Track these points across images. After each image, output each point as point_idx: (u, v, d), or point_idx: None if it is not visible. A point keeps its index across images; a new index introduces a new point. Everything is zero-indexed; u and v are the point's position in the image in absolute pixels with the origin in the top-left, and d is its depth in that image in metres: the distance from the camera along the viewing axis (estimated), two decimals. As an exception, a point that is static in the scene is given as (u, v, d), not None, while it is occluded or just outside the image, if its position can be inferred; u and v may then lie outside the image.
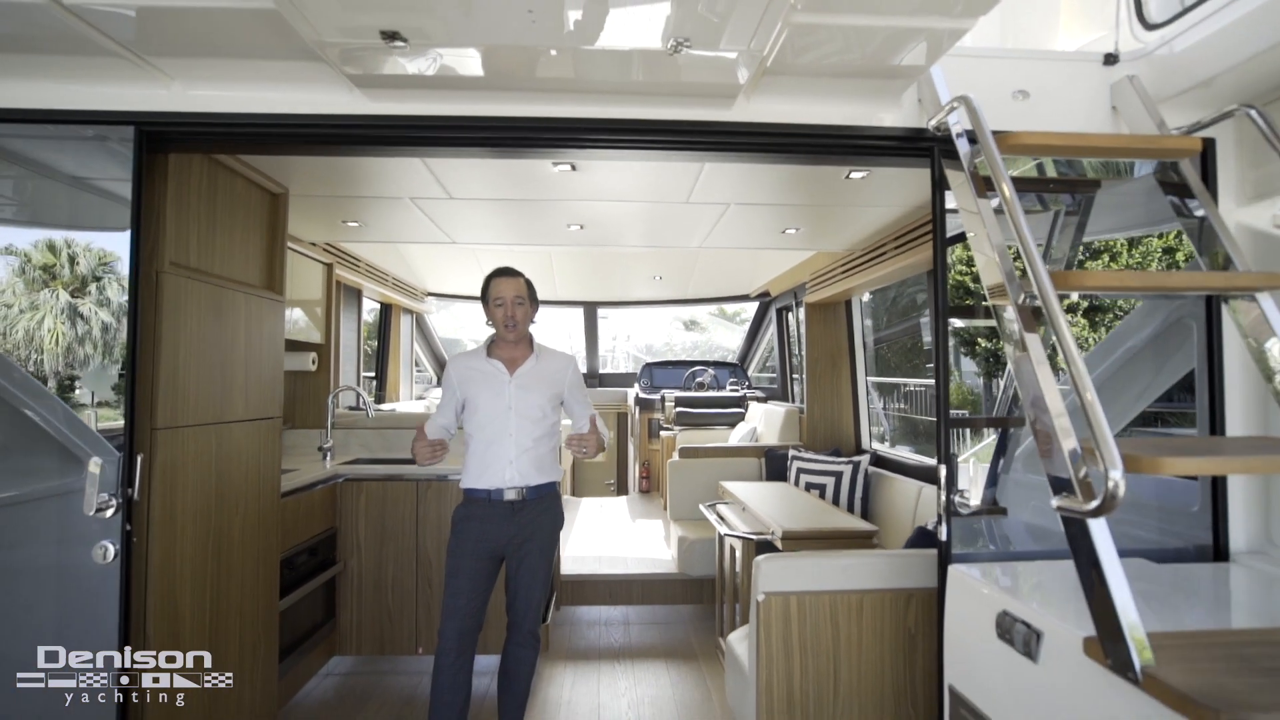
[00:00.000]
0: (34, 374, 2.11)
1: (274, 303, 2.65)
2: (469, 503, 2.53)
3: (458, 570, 2.49)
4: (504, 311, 2.53)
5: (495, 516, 2.50)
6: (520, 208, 3.21)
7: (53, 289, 2.43)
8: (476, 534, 2.50)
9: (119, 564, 1.74)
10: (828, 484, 4.23)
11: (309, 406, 4.14)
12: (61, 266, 2.56)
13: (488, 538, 2.50)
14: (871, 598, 2.08)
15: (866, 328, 5.08)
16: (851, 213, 3.27)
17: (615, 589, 4.36)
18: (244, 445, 2.43)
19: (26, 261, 2.33)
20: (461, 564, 2.49)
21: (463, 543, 2.50)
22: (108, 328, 2.27)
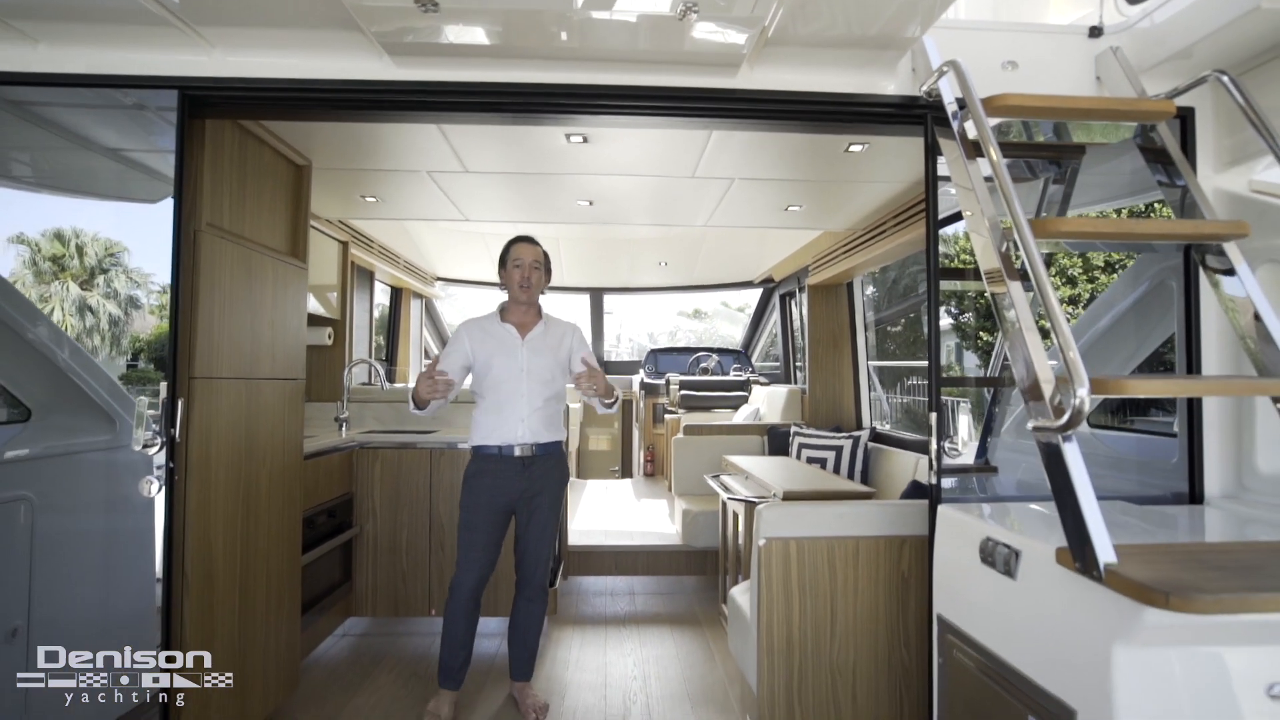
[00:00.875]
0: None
1: (298, 269, 2.78)
2: (482, 459, 2.66)
3: (474, 524, 2.63)
4: (521, 273, 2.71)
5: (508, 471, 2.63)
6: (532, 182, 3.33)
7: (62, 280, 2.56)
8: (490, 488, 2.63)
9: (164, 497, 1.87)
10: (828, 458, 4.35)
11: (324, 380, 4.27)
12: (70, 257, 2.69)
13: (501, 491, 2.64)
14: (867, 543, 2.20)
15: (869, 298, 5.18)
16: (851, 189, 3.38)
17: (621, 560, 4.48)
18: (270, 403, 2.55)
19: (36, 251, 2.46)
20: (477, 518, 2.63)
21: (478, 497, 2.63)
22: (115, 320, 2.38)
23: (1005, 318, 1.56)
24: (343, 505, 3.50)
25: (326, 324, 4.26)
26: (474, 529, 2.63)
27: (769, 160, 2.95)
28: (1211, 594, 1.09)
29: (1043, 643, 1.39)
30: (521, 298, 2.73)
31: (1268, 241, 1.86)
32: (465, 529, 2.64)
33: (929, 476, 2.00)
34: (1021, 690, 1.41)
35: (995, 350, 2.45)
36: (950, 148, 1.87)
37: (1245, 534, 1.74)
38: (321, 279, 4.08)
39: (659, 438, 7.57)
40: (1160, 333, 2.27)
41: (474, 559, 2.64)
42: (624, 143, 2.76)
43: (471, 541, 2.63)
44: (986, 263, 1.65)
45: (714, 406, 6.69)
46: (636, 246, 6.43)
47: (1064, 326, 1.27)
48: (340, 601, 3.50)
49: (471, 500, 2.64)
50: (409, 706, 2.83)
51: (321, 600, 3.28)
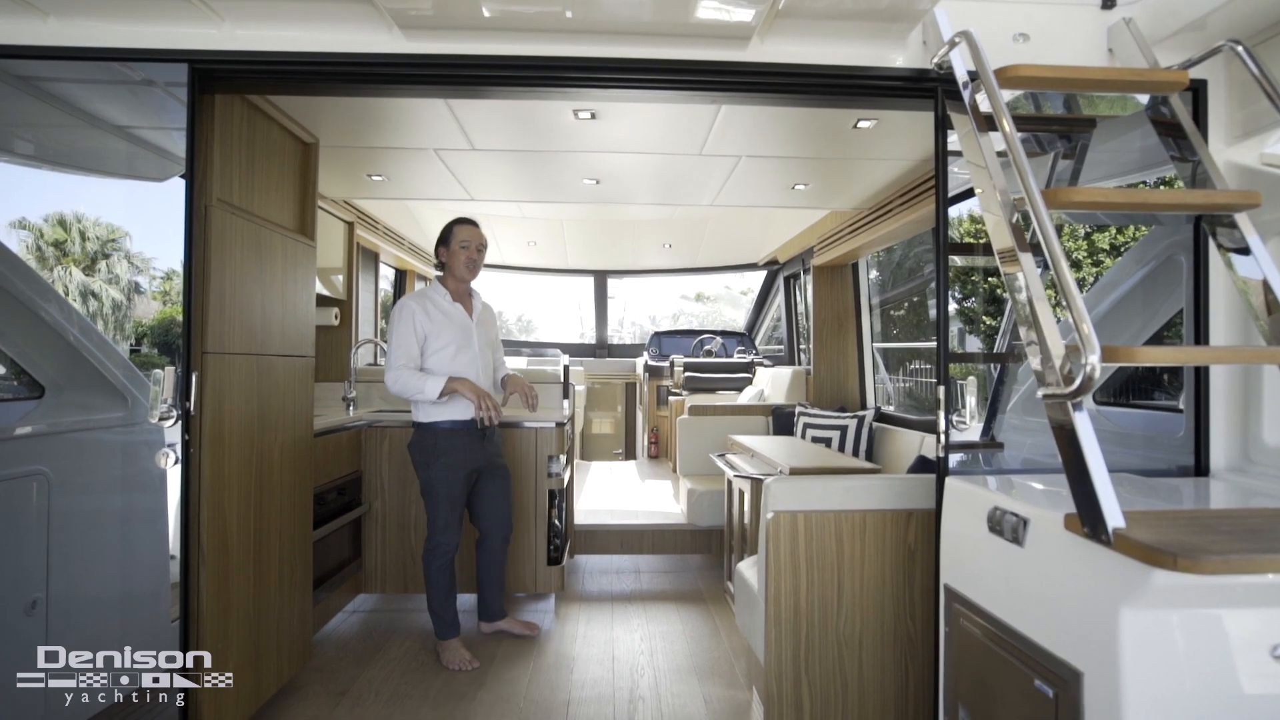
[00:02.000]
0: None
1: (306, 247, 2.78)
2: (449, 434, 2.86)
3: (454, 496, 2.89)
4: (468, 254, 2.91)
5: (474, 443, 2.91)
6: (538, 161, 3.33)
7: (65, 265, 2.58)
8: (462, 460, 2.88)
9: (180, 470, 1.89)
10: (834, 437, 4.37)
11: (332, 360, 4.29)
12: (72, 243, 2.70)
13: (470, 462, 2.91)
14: (874, 517, 2.22)
15: (873, 282, 5.18)
16: (859, 168, 3.37)
17: (627, 539, 4.52)
18: (281, 378, 2.57)
19: (40, 237, 2.48)
20: (455, 488, 2.88)
21: (454, 468, 2.87)
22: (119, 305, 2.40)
23: (1016, 290, 1.56)
24: (352, 483, 3.53)
25: (333, 304, 4.28)
26: (454, 497, 2.89)
27: (777, 137, 2.95)
28: (1219, 554, 1.11)
29: (1050, 608, 1.41)
30: (468, 278, 2.94)
31: (1278, 214, 1.86)
32: (445, 498, 2.88)
33: (937, 451, 2.01)
34: (1028, 655, 1.44)
35: (1001, 328, 2.45)
36: (962, 121, 1.87)
37: (1251, 504, 1.75)
38: (328, 260, 4.08)
39: (663, 420, 7.61)
40: (1167, 309, 2.28)
41: (454, 519, 2.93)
42: (632, 119, 2.75)
43: (454, 507, 2.91)
44: (998, 237, 1.65)
45: (718, 388, 6.71)
46: (640, 228, 6.43)
47: (1076, 295, 1.28)
48: (351, 578, 3.54)
49: (448, 472, 2.86)
50: (420, 679, 2.87)
51: (332, 577, 3.32)
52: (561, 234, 6.55)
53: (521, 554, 3.67)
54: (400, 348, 2.80)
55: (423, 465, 2.89)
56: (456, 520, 2.93)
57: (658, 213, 5.96)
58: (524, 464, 3.66)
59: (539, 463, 3.68)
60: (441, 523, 2.90)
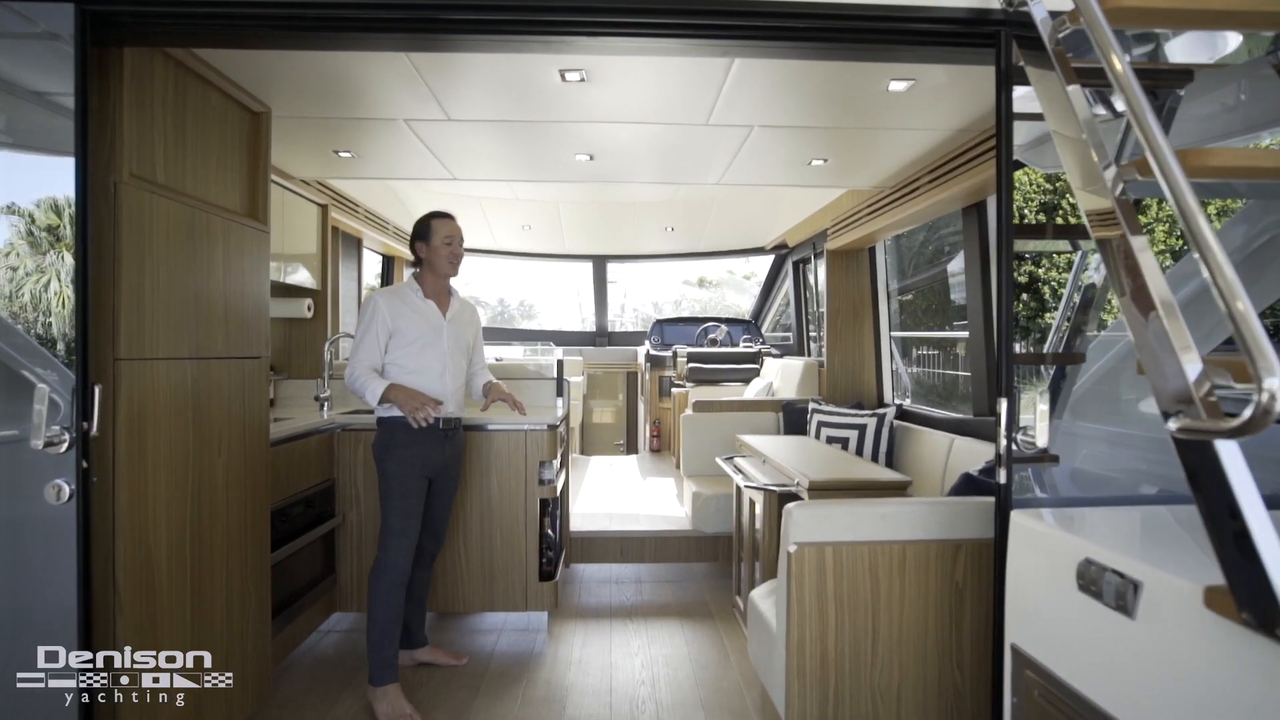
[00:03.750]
0: (41, 338, 1.94)
1: (257, 232, 2.43)
2: (409, 430, 2.61)
3: (408, 492, 2.61)
4: (451, 250, 2.69)
5: (435, 442, 2.68)
6: (524, 133, 2.95)
7: (57, 250, 2.25)
8: (421, 459, 2.64)
9: (76, 505, 1.55)
10: (850, 437, 4.03)
11: (305, 355, 3.95)
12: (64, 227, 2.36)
13: (430, 462, 2.68)
14: (915, 549, 1.88)
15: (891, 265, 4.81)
16: (885, 140, 2.99)
17: (627, 546, 4.20)
18: (226, 384, 2.23)
19: (31, 223, 2.15)
20: (411, 487, 2.61)
21: (411, 467, 2.61)
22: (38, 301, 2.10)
23: (1121, 280, 1.21)
24: (323, 493, 3.20)
25: (305, 295, 3.92)
26: (408, 496, 2.60)
27: (794, 104, 2.57)
28: None
29: (1175, 707, 1.06)
30: (451, 274, 2.75)
31: None
32: (400, 497, 2.59)
33: (997, 474, 1.66)
34: (1143, 762, 1.10)
35: (1055, 324, 2.09)
36: (1041, 73, 1.50)
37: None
38: (299, 246, 3.73)
39: (665, 412, 7.27)
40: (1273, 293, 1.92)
41: (408, 526, 2.61)
42: (628, 82, 2.38)
43: (408, 509, 2.61)
44: (1097, 215, 1.29)
45: (724, 380, 6.36)
46: (641, 210, 6.04)
47: (1240, 293, 0.92)
48: (323, 597, 3.22)
49: (404, 470, 2.60)
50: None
51: (302, 597, 3.00)
52: (558, 216, 6.17)
53: (511, 568, 3.34)
54: (362, 346, 2.61)
55: (379, 459, 2.65)
56: (413, 529, 2.63)
57: (659, 193, 5.58)
58: (512, 470, 3.33)
59: (529, 469, 3.35)
60: (396, 527, 2.59)
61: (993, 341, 3.42)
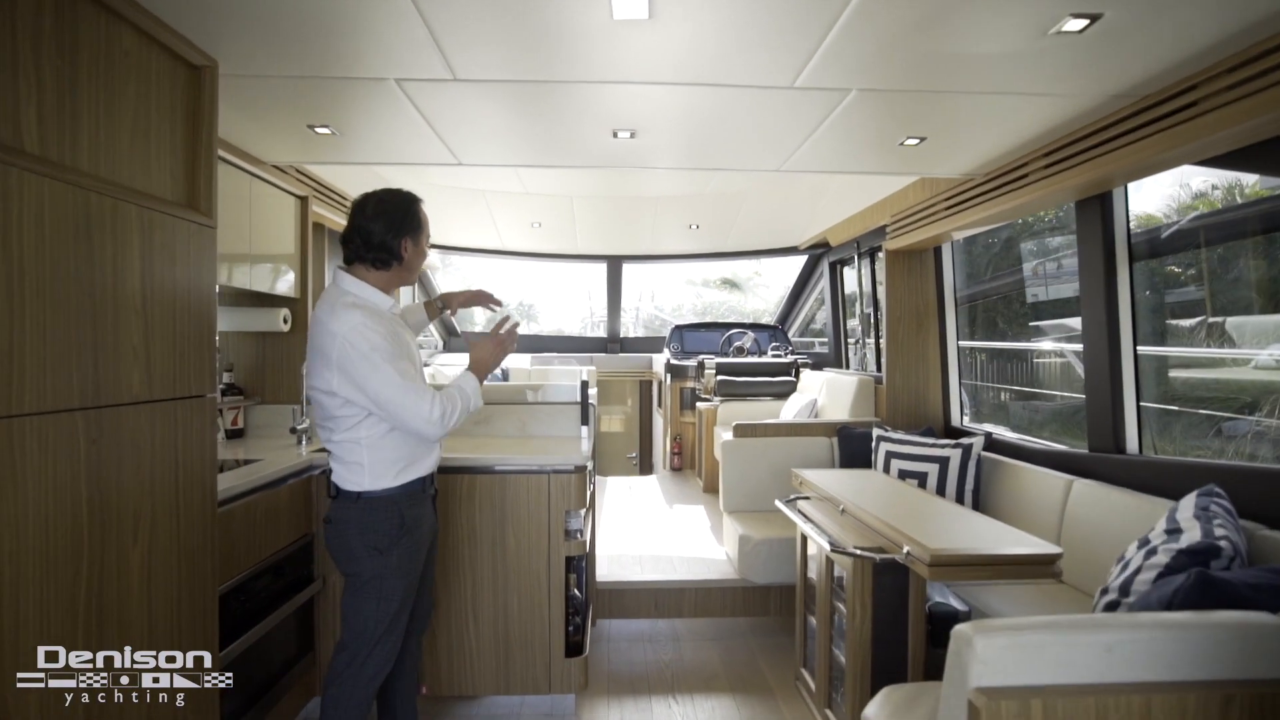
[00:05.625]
0: None
1: (198, 228, 1.79)
2: (410, 500, 1.97)
3: (411, 586, 2.00)
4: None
5: (429, 510, 2.10)
6: (552, 101, 2.31)
7: None
8: (424, 538, 2.04)
9: None
10: (929, 472, 3.40)
11: (281, 376, 3.32)
12: None
13: (428, 539, 2.10)
14: (1165, 700, 1.25)
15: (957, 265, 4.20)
16: (1006, 110, 2.35)
17: (663, 599, 3.57)
18: (148, 439, 1.60)
19: None
20: (414, 577, 2.01)
21: (419, 550, 2.01)
22: None
23: None
24: (298, 554, 2.57)
25: (282, 304, 3.29)
26: (411, 590, 2.00)
27: (914, 58, 1.94)
28: None
29: None
30: (412, 283, 2.13)
31: None
32: (405, 595, 1.97)
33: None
34: None
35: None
36: None
37: None
38: (272, 246, 3.09)
39: (688, 426, 6.64)
40: None
41: (401, 623, 2.00)
42: (699, 23, 1.74)
43: (402, 615, 1.98)
44: None
45: (757, 394, 5.73)
46: (663, 206, 5.42)
47: None
48: (300, 680, 2.59)
49: (412, 561, 1.98)
50: None
51: (274, 685, 2.38)
52: (571, 213, 5.54)
53: (531, 642, 2.72)
54: (407, 379, 1.83)
55: (370, 552, 1.91)
56: (403, 623, 2.01)
57: (686, 186, 4.95)
58: (532, 522, 2.70)
59: (553, 520, 2.72)
60: (388, 629, 1.95)
61: (1119, 360, 2.79)
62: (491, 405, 3.30)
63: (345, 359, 1.76)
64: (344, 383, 1.79)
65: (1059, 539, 2.77)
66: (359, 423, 1.86)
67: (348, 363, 1.76)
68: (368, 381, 1.77)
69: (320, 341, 1.80)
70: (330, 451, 1.94)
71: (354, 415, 1.85)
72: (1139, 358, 2.79)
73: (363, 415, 1.85)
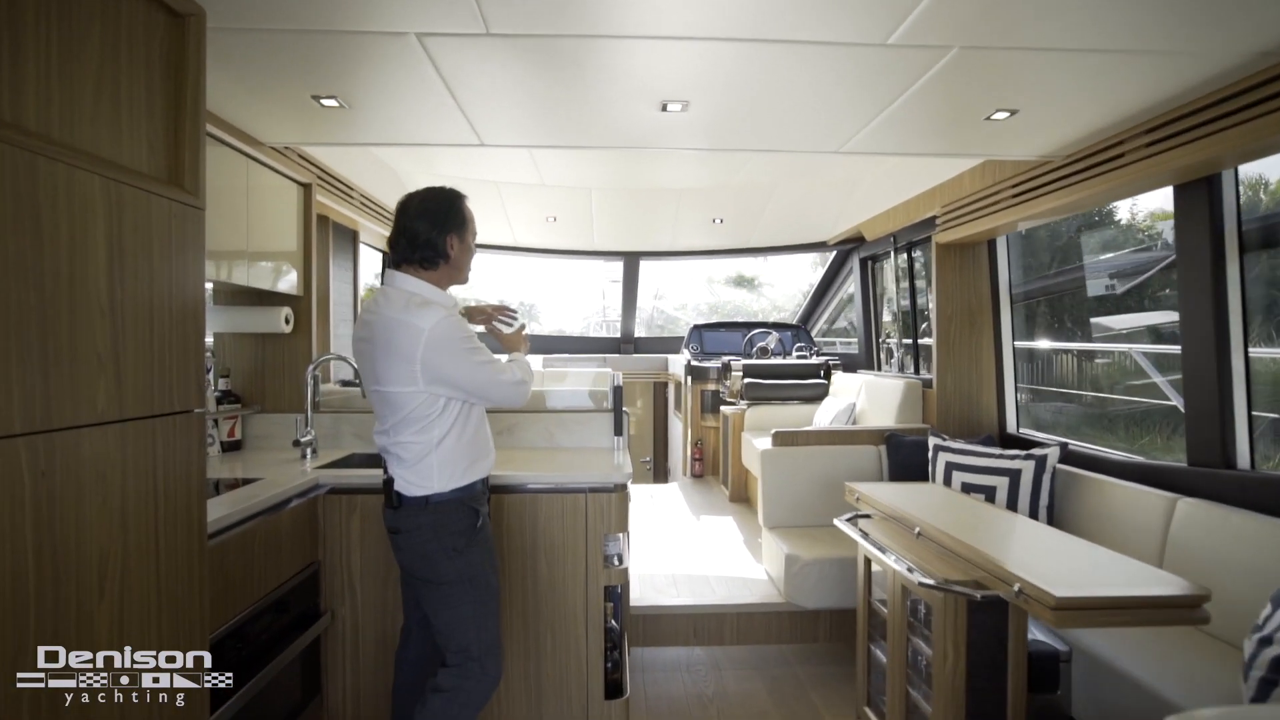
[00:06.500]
0: None
1: (180, 207, 1.48)
2: (474, 498, 1.93)
3: (495, 591, 1.96)
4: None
5: (488, 512, 2.03)
6: (593, 61, 1.98)
7: None
8: (492, 536, 2.03)
9: None
10: (998, 486, 3.08)
11: (283, 382, 3.01)
12: None
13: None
14: None
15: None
16: (1123, 71, 2.02)
17: (702, 625, 3.26)
18: (116, 468, 1.29)
19: None
20: (494, 580, 1.97)
21: (493, 552, 2.00)
22: None
23: None
24: (303, 585, 2.26)
25: (283, 303, 2.98)
26: (496, 595, 1.97)
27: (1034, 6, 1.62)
28: None
29: None
30: (465, 282, 2.01)
31: None
32: (492, 598, 1.94)
33: None
34: None
35: None
36: None
37: None
38: (272, 241, 2.78)
39: (709, 431, 6.33)
40: None
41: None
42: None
43: (496, 610, 1.96)
44: None
45: (787, 398, 5.41)
46: (685, 199, 5.10)
47: None
48: (304, 728, 2.28)
49: (488, 557, 1.95)
50: None
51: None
52: (588, 206, 5.22)
53: (566, 682, 2.41)
54: (487, 355, 1.88)
55: (450, 554, 1.87)
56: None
57: (711, 178, 4.62)
58: (567, 548, 2.39)
59: (590, 546, 2.41)
60: (494, 637, 1.93)
61: (1228, 362, 2.47)
62: (515, 413, 2.99)
63: (434, 353, 1.76)
64: (430, 376, 1.78)
65: (1162, 565, 2.45)
66: (434, 420, 1.83)
67: (438, 356, 1.76)
68: (458, 368, 1.79)
69: (398, 339, 1.76)
70: (392, 456, 1.87)
71: (430, 414, 1.82)
72: (1250, 360, 2.47)
73: (438, 412, 1.83)
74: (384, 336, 1.78)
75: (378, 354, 1.81)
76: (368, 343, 1.84)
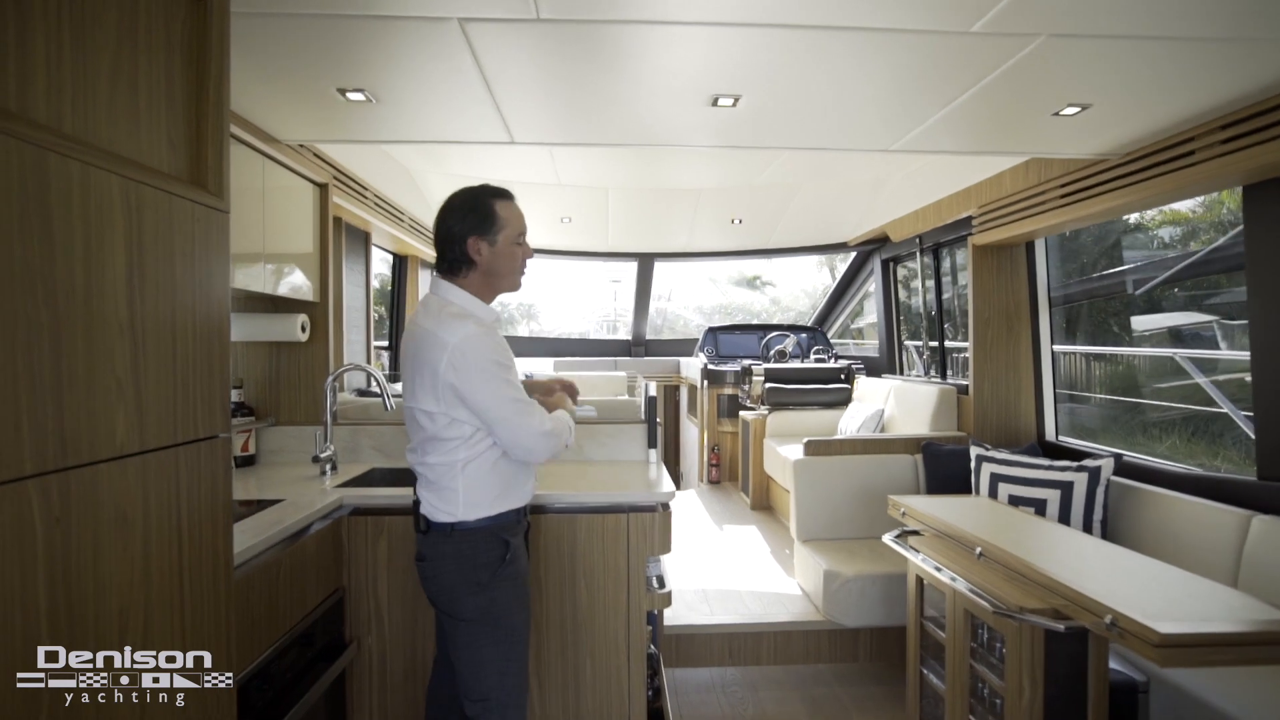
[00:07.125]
0: None
1: (205, 210, 1.33)
2: (513, 529, 1.77)
3: (522, 635, 1.78)
4: (524, 251, 1.79)
5: (524, 545, 1.85)
6: (647, 49, 1.84)
7: None
8: (525, 570, 1.83)
9: None
10: (1048, 499, 2.94)
11: (299, 393, 2.85)
12: None
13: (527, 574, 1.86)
14: None
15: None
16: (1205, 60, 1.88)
17: (737, 644, 3.12)
18: (137, 507, 1.14)
19: None
20: (528, 613, 1.82)
21: (525, 584, 1.81)
22: None
23: None
24: (328, 615, 2.11)
25: (298, 309, 2.83)
26: (526, 638, 1.80)
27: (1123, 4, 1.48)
28: None
29: None
30: (517, 288, 1.82)
31: None
32: (521, 642, 1.77)
33: None
34: None
35: None
36: None
37: None
38: (288, 243, 2.63)
39: (726, 436, 6.18)
40: None
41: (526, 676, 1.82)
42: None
43: (525, 654, 1.80)
44: None
45: (807, 403, 5.26)
46: (704, 199, 4.96)
47: None
48: (328, 765, 2.13)
49: (521, 595, 1.78)
50: None
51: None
52: (604, 206, 5.08)
53: (608, 715, 2.26)
54: (518, 391, 1.69)
55: (473, 589, 1.70)
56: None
57: (733, 178, 4.48)
58: (606, 571, 2.25)
59: (633, 569, 2.26)
60: (519, 685, 1.76)
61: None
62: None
63: (455, 371, 1.59)
64: (450, 398, 1.62)
65: (1237, 587, 2.31)
66: (460, 444, 1.67)
67: (458, 375, 1.60)
68: (477, 393, 1.61)
69: (425, 352, 1.63)
70: (421, 476, 1.74)
71: (456, 438, 1.66)
72: (1329, 368, 2.33)
73: (465, 437, 1.67)
74: (415, 348, 1.67)
75: (409, 366, 1.69)
76: (405, 355, 1.71)
